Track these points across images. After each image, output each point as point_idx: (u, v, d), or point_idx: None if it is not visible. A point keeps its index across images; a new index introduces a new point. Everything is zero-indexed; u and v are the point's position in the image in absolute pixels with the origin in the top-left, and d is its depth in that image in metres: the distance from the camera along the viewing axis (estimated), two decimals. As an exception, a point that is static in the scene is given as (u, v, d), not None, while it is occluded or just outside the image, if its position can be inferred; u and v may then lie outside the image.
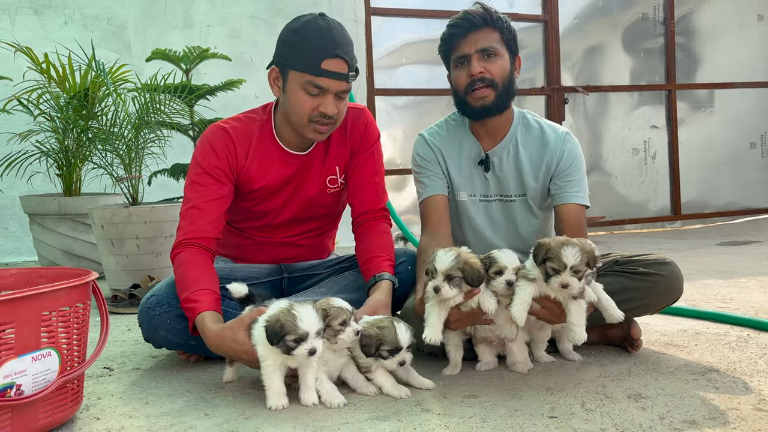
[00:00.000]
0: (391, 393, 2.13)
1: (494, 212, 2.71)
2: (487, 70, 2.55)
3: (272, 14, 6.25)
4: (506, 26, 2.60)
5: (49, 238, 4.71)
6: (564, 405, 2.01)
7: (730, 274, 4.28)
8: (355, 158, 2.70)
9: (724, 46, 7.79)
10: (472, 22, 2.57)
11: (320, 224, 2.85)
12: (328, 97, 2.43)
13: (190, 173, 2.58)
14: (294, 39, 2.43)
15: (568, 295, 2.14)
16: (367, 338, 2.12)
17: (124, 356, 2.77)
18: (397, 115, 6.93)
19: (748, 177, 7.92)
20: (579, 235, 2.52)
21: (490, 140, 2.69)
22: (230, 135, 2.58)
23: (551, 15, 7.15)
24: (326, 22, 2.44)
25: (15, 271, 2.27)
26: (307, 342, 1.98)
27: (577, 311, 2.15)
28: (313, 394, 2.09)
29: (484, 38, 2.56)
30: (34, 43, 4.97)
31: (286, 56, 2.45)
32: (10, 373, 1.77)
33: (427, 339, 2.17)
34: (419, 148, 2.76)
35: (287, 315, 1.99)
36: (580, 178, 2.63)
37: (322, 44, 2.39)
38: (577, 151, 2.66)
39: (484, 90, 2.55)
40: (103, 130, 4.38)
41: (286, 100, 2.50)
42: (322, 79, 2.40)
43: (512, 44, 2.62)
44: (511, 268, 2.20)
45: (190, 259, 2.44)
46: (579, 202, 2.60)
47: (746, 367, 2.32)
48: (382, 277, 2.49)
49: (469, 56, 2.57)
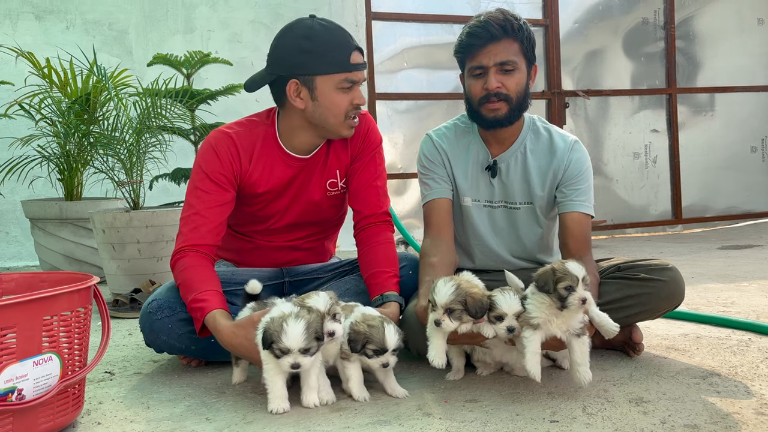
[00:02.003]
0: (353, 391, 2.15)
1: (497, 219, 2.70)
2: (504, 85, 2.50)
3: (273, 19, 6.26)
4: (527, 35, 2.53)
5: (50, 243, 4.72)
6: (565, 409, 2.01)
7: (732, 278, 4.27)
8: (356, 162, 2.70)
9: (725, 50, 7.80)
10: (491, 32, 2.48)
11: (322, 228, 2.85)
12: (358, 89, 2.50)
13: (193, 178, 2.57)
14: (310, 46, 2.42)
15: (571, 333, 2.10)
16: (355, 334, 2.11)
17: (125, 361, 2.77)
18: (397, 120, 6.94)
19: (749, 181, 7.91)
20: (582, 244, 2.53)
21: (499, 146, 2.66)
22: (234, 140, 2.56)
23: (552, 19, 7.16)
24: (326, 21, 2.48)
25: (16, 275, 2.27)
26: (290, 356, 1.99)
27: (580, 349, 2.10)
28: (315, 395, 2.10)
29: (503, 51, 2.49)
30: (35, 48, 4.99)
31: (307, 65, 2.44)
32: (11, 378, 1.77)
33: (433, 363, 2.14)
34: (426, 149, 2.73)
35: (278, 326, 1.99)
36: (587, 187, 2.60)
37: (341, 42, 2.44)
38: (585, 160, 2.63)
39: (497, 103, 2.52)
40: (104, 135, 4.39)
41: (318, 107, 2.48)
42: (355, 73, 2.46)
43: (530, 54, 2.56)
44: (511, 314, 2.12)
45: (193, 263, 2.44)
46: (584, 211, 2.57)
47: (748, 371, 2.32)
48: (389, 298, 2.45)
49: (486, 68, 2.51)
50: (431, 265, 2.49)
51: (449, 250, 2.60)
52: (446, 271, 2.48)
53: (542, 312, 2.08)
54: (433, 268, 2.47)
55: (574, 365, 2.11)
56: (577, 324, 2.09)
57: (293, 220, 2.72)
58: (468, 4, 6.85)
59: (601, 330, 2.19)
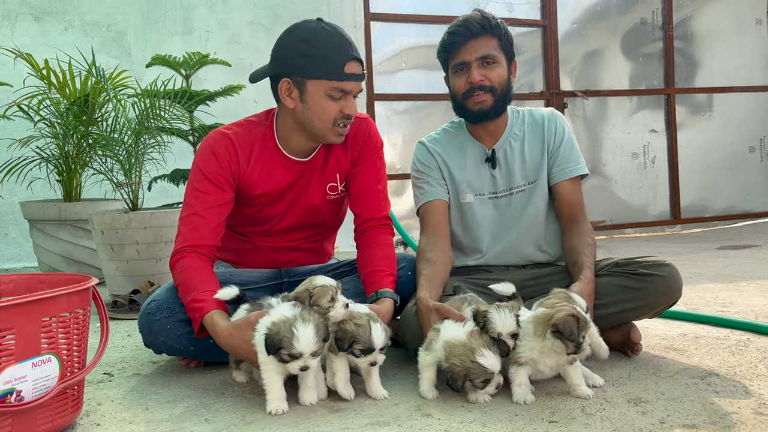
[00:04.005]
0: (338, 387, 2.14)
1: (504, 208, 2.73)
2: (487, 77, 2.61)
3: (272, 20, 6.27)
4: (504, 32, 2.65)
5: (49, 244, 4.71)
6: (564, 410, 2.01)
7: (730, 277, 4.27)
8: (357, 166, 2.70)
9: (723, 51, 7.81)
10: (471, 30, 2.62)
11: (321, 229, 2.86)
12: (350, 99, 2.48)
13: (192, 179, 2.57)
14: (307, 49, 2.42)
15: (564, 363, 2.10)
16: (342, 333, 2.10)
17: (124, 362, 2.77)
18: (396, 120, 6.94)
19: (747, 181, 7.92)
20: (576, 209, 2.66)
21: (491, 139, 2.74)
22: (232, 141, 2.56)
23: (550, 20, 7.17)
24: (331, 27, 2.46)
25: (15, 276, 2.26)
26: (301, 360, 1.99)
27: (574, 372, 2.12)
28: (313, 394, 2.10)
29: (483, 46, 2.62)
30: (34, 50, 4.99)
31: (303, 67, 2.44)
32: (10, 379, 1.76)
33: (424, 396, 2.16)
34: (420, 155, 2.80)
35: (287, 331, 1.98)
36: (573, 150, 2.73)
37: (339, 50, 2.42)
38: (565, 124, 2.77)
39: (483, 95, 2.61)
40: (103, 136, 4.38)
41: (307, 110, 2.48)
42: (348, 83, 2.43)
43: (509, 49, 2.68)
44: (506, 333, 2.10)
45: (192, 264, 2.44)
46: (573, 175, 2.69)
47: (746, 371, 2.32)
48: (383, 294, 2.46)
49: (468, 63, 2.63)
50: (428, 261, 2.53)
51: (446, 247, 2.64)
52: (443, 266, 2.55)
53: (531, 353, 2.08)
54: (430, 263, 2.51)
55: (571, 386, 2.13)
56: (567, 358, 2.09)
57: (293, 222, 2.73)
58: (466, 5, 6.86)
59: (594, 350, 2.22)
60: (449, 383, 2.07)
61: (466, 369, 2.03)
